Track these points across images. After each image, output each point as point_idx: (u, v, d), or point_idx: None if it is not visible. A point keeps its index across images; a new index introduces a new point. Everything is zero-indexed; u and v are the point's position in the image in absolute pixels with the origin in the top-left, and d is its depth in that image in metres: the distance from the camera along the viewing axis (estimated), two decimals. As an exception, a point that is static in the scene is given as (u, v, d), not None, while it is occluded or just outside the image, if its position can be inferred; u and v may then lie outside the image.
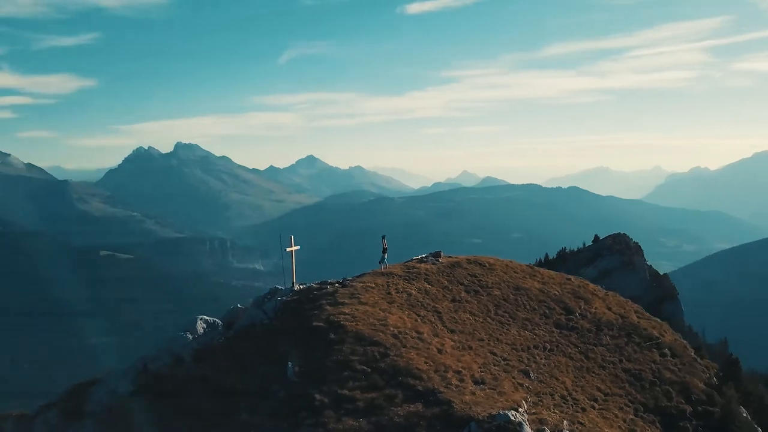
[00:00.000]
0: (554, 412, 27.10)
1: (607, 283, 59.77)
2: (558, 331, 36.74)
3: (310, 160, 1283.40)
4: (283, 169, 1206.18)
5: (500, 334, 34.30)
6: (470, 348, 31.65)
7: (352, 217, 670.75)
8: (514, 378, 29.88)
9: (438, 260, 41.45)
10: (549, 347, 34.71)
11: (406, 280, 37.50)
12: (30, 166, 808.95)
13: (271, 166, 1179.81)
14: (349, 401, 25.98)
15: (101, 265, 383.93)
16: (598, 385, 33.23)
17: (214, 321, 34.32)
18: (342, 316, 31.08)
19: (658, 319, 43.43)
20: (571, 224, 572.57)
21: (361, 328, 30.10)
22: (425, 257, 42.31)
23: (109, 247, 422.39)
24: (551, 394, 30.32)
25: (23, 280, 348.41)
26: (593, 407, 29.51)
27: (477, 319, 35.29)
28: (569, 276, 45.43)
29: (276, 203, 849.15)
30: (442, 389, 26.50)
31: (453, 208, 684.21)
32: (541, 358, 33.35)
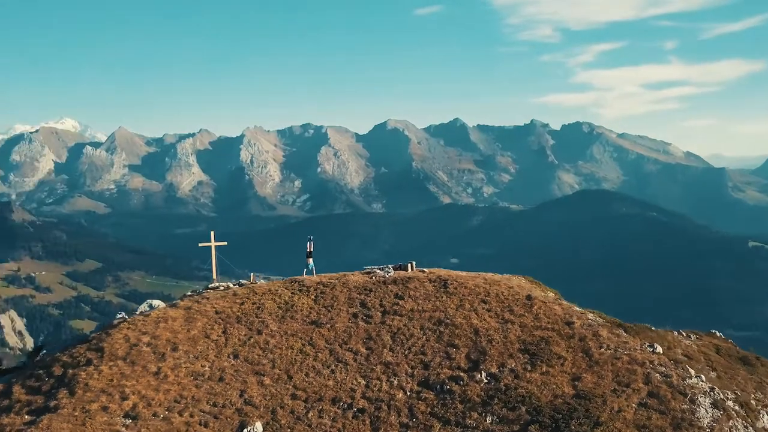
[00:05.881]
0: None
1: None
2: (414, 390, 26.48)
3: None
4: None
5: (306, 373, 27.75)
6: (220, 379, 27.39)
7: None
8: (203, 426, 24.80)
9: (388, 273, 33.49)
10: (360, 408, 25.86)
11: (295, 292, 33.25)
12: (688, 154, 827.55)
13: None
14: None
15: (748, 257, 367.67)
16: (356, 474, 23.96)
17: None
18: (134, 317, 31.23)
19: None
20: None
21: (125, 332, 29.86)
22: (382, 268, 34.69)
23: (760, 239, 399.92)
24: (232, 460, 24.34)
25: (668, 264, 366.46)
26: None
27: (307, 349, 29.10)
28: (573, 322, 29.24)
29: None
30: (65, 411, 25.49)
31: None
32: (320, 418, 25.62)
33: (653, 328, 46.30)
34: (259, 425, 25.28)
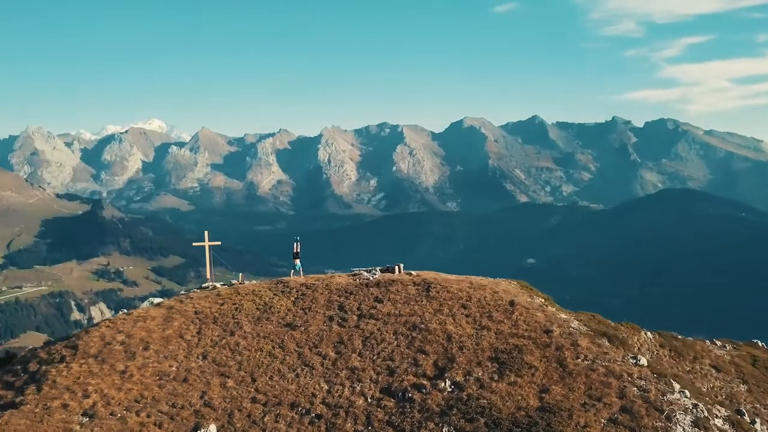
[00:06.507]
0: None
1: None
2: (376, 397, 25.76)
3: None
4: None
5: (270, 376, 27.40)
6: (184, 380, 27.47)
7: None
8: (157, 427, 24.90)
9: (374, 275, 32.70)
10: (317, 414, 25.37)
11: (277, 293, 32.72)
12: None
13: None
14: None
15: None
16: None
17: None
18: (117, 316, 31.73)
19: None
20: None
21: (103, 330, 30.37)
22: (368, 270, 33.81)
23: None
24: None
25: (757, 267, 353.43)
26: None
27: (276, 352, 28.73)
28: (552, 330, 27.48)
29: None
30: (27, 407, 26.15)
31: None
32: (276, 422, 25.34)
33: (679, 336, 43.47)
34: (213, 427, 24.97)
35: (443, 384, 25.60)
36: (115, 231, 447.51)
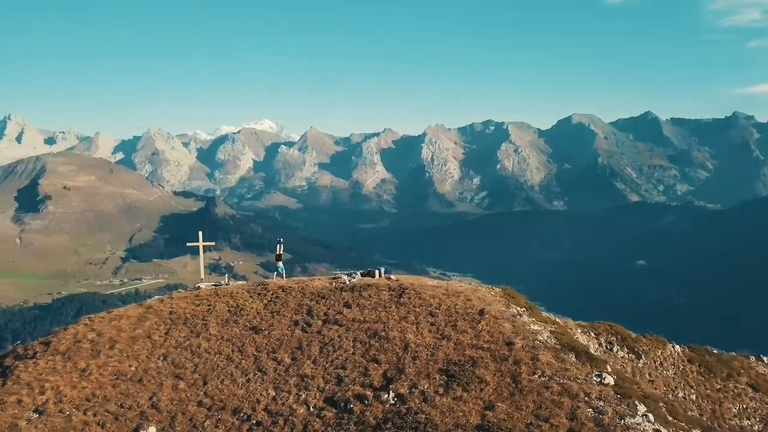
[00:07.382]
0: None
1: None
2: (318, 406, 24.81)
3: None
4: None
5: (221, 380, 27.01)
6: (139, 380, 27.83)
7: None
8: (100, 426, 25.19)
9: (352, 279, 31.57)
10: (257, 420, 24.82)
11: (253, 295, 32.25)
12: None
13: None
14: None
15: None
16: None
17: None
18: (96, 315, 32.46)
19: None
20: None
21: (79, 328, 31.08)
22: (349, 273, 32.67)
23: None
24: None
25: None
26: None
27: (234, 355, 28.43)
28: (514, 342, 25.10)
29: None
30: None
31: None
32: (216, 427, 24.99)
33: (714, 351, 39.34)
34: (153, 429, 24.63)
35: (386, 396, 23.94)
36: (226, 227, 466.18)
